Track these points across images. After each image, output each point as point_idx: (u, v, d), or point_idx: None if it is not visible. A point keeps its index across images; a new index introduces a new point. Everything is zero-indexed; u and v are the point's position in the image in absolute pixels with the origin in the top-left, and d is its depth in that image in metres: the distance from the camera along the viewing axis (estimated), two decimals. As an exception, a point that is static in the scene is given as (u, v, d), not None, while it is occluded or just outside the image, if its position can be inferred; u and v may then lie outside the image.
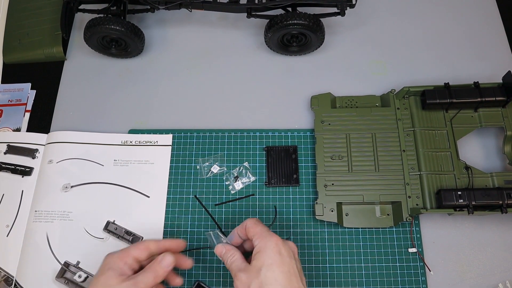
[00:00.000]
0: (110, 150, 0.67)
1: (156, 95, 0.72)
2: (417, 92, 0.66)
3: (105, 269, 0.49)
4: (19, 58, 0.76)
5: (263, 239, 0.48)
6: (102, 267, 0.50)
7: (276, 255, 0.47)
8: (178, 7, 0.69)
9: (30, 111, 0.72)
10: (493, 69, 0.71)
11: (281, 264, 0.46)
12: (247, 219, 0.51)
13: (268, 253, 0.47)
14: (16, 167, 0.67)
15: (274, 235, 0.48)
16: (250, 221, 0.50)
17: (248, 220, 0.51)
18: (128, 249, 0.51)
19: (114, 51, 0.73)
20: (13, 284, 0.59)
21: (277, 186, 0.64)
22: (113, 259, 0.50)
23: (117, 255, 0.50)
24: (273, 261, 0.46)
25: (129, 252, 0.50)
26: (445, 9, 0.78)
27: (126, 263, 0.49)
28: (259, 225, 0.50)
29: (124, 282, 0.47)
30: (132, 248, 0.51)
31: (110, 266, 0.49)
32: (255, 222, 0.50)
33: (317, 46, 0.72)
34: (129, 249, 0.51)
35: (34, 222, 0.63)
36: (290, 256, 0.47)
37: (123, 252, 0.50)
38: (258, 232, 0.49)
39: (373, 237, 0.61)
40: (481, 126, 0.65)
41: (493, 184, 0.61)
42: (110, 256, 0.50)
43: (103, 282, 0.48)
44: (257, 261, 0.47)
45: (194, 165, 0.66)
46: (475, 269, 0.59)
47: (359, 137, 0.65)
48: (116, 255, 0.50)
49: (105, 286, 0.47)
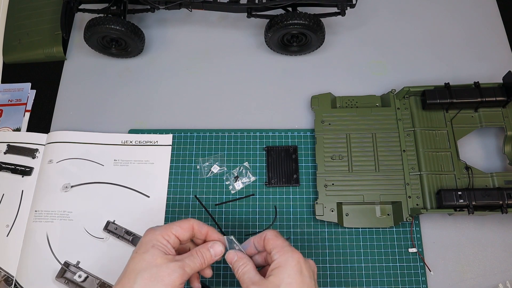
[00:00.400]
0: (110, 150, 0.67)
1: (156, 95, 0.72)
2: (417, 92, 0.66)
3: (148, 246, 0.45)
4: (19, 58, 0.76)
5: (284, 254, 0.44)
6: (144, 243, 0.46)
7: (297, 274, 0.43)
8: (178, 7, 0.69)
9: (30, 111, 0.72)
10: (493, 69, 0.71)
11: (301, 284, 0.43)
12: (267, 230, 0.48)
13: (288, 270, 0.43)
14: (16, 167, 0.67)
15: (296, 252, 0.45)
16: (270, 232, 0.47)
17: (268, 231, 0.47)
18: (170, 226, 0.47)
19: (114, 51, 0.73)
20: (13, 284, 0.59)
21: (277, 186, 0.64)
22: (155, 235, 0.46)
23: (159, 232, 0.46)
24: (293, 280, 0.43)
25: (172, 230, 0.47)
26: (445, 9, 0.78)
27: (169, 242, 0.46)
28: (280, 238, 0.46)
29: (171, 263, 0.44)
30: (176, 226, 0.47)
31: (154, 244, 0.45)
32: (276, 235, 0.46)
33: (317, 46, 0.71)
34: (171, 226, 0.47)
35: (34, 222, 0.63)
36: (310, 276, 0.44)
37: (165, 229, 0.47)
38: (279, 245, 0.45)
39: (373, 237, 0.61)
40: (482, 126, 0.65)
41: (493, 184, 0.61)
42: (152, 232, 0.46)
43: (149, 260, 0.44)
44: (275, 277, 0.43)
45: (194, 165, 0.66)
46: (475, 269, 0.59)
47: (359, 137, 0.65)
48: (158, 231, 0.46)
49: (151, 265, 0.44)
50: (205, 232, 0.49)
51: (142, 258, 0.44)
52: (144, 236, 0.47)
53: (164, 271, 0.44)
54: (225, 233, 0.62)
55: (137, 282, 0.43)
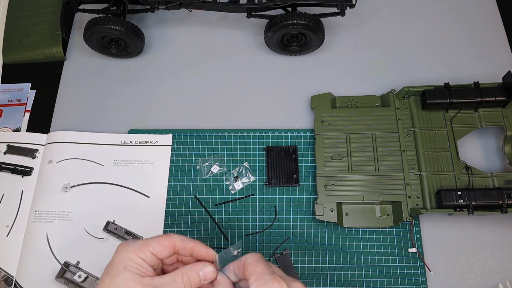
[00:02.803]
0: (110, 150, 0.67)
1: (156, 95, 0.72)
2: (417, 92, 0.66)
3: (119, 267, 0.39)
4: (19, 58, 0.76)
5: (263, 284, 0.37)
6: (115, 263, 0.40)
7: None
8: (178, 7, 0.69)
9: (30, 111, 0.72)
10: (493, 69, 0.71)
11: None
12: (248, 254, 0.40)
13: None
14: (16, 167, 0.67)
15: (277, 280, 0.37)
16: (250, 256, 0.39)
17: (248, 255, 0.40)
18: (147, 242, 0.41)
19: (114, 51, 0.73)
20: (13, 284, 0.59)
21: (277, 186, 0.64)
22: (128, 253, 0.40)
23: (132, 249, 0.40)
24: None
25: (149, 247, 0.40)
26: (445, 9, 0.78)
27: (145, 260, 0.40)
28: (261, 264, 0.39)
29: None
30: (154, 242, 0.41)
31: (126, 265, 0.39)
32: (257, 259, 0.39)
33: (317, 46, 0.71)
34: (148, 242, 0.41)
35: (34, 222, 0.63)
36: None
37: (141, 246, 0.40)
38: (258, 273, 0.38)
39: (373, 237, 0.61)
40: (481, 126, 0.65)
41: (493, 184, 0.61)
42: (125, 249, 0.40)
43: (119, 285, 0.38)
44: None
45: (194, 165, 0.66)
46: (475, 269, 0.59)
47: (359, 137, 0.65)
48: (132, 248, 0.40)
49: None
50: (190, 249, 0.42)
51: (112, 282, 0.38)
52: (115, 254, 0.40)
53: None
54: (225, 233, 0.62)
55: None
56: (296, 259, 0.60)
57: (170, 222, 0.62)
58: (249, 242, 0.61)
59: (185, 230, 0.62)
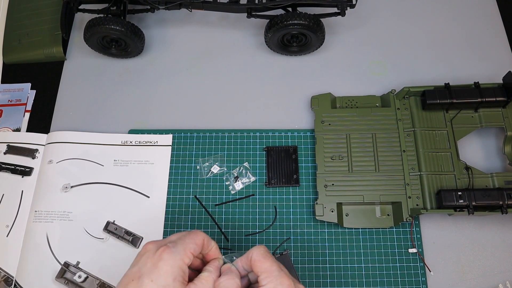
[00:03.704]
0: (110, 150, 0.67)
1: (156, 95, 0.72)
2: (417, 92, 0.66)
3: (169, 278, 0.39)
4: (19, 58, 0.76)
5: (274, 280, 0.40)
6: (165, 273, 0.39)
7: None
8: (178, 7, 0.69)
9: (30, 111, 0.72)
10: (493, 69, 0.71)
11: None
12: (253, 248, 0.42)
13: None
14: (16, 167, 0.67)
15: (286, 277, 0.40)
16: (256, 252, 0.41)
17: (254, 250, 0.42)
18: (187, 245, 0.41)
19: (114, 51, 0.73)
20: (13, 284, 0.59)
21: (277, 186, 0.64)
22: (176, 261, 0.40)
23: (180, 256, 0.40)
24: None
25: (190, 249, 0.41)
26: (445, 9, 0.78)
27: (187, 264, 0.41)
28: (268, 259, 0.41)
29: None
30: (191, 244, 0.41)
31: (177, 275, 0.39)
32: (263, 255, 0.41)
33: (317, 46, 0.71)
34: (188, 245, 0.41)
35: (34, 222, 0.63)
36: None
37: (184, 250, 0.41)
38: (267, 269, 0.40)
39: (373, 237, 0.61)
40: (482, 126, 0.64)
41: (493, 185, 0.61)
42: (172, 257, 0.40)
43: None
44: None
45: (194, 165, 0.66)
46: (475, 269, 0.59)
47: (359, 137, 0.65)
48: (179, 256, 0.40)
49: None
50: (211, 248, 0.44)
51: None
52: (162, 261, 0.40)
53: None
54: (225, 234, 0.62)
55: None
56: (296, 259, 0.60)
57: (170, 222, 0.62)
58: (249, 242, 0.61)
59: (185, 230, 0.62)
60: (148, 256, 0.41)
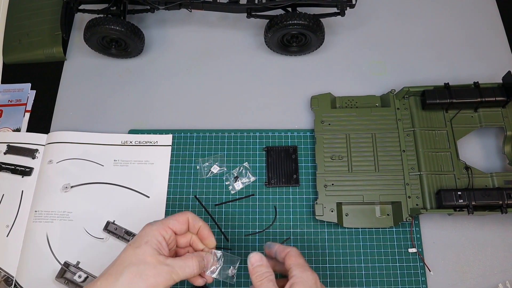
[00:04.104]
0: (110, 150, 0.67)
1: (156, 95, 0.72)
2: (417, 92, 0.66)
3: (142, 241, 0.46)
4: (19, 58, 0.76)
5: (304, 272, 0.46)
6: (139, 237, 0.47)
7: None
8: (178, 7, 0.69)
9: (30, 111, 0.72)
10: (493, 69, 0.71)
11: None
12: (292, 247, 0.49)
13: (307, 287, 0.45)
14: (16, 167, 0.67)
15: (314, 272, 0.47)
16: (294, 250, 0.49)
17: (292, 248, 0.49)
18: (167, 221, 0.48)
19: (114, 51, 0.73)
20: (13, 284, 0.59)
21: (277, 186, 0.64)
22: (152, 230, 0.47)
23: (156, 227, 0.47)
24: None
25: (168, 224, 0.48)
26: (445, 9, 0.78)
27: (164, 238, 0.47)
28: (302, 258, 0.48)
29: (160, 265, 0.45)
30: (172, 220, 0.48)
31: (148, 240, 0.46)
32: (299, 254, 0.49)
33: (317, 46, 0.72)
34: (168, 220, 0.48)
35: (34, 222, 0.63)
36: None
37: (162, 224, 0.48)
38: (300, 263, 0.47)
39: (373, 237, 0.61)
40: (481, 126, 0.65)
41: (493, 184, 0.61)
42: (149, 227, 0.47)
43: (139, 256, 0.45)
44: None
45: (194, 165, 0.66)
46: (475, 269, 0.59)
47: (359, 137, 0.65)
48: (155, 227, 0.47)
49: (140, 261, 0.45)
50: (198, 227, 0.51)
51: (133, 252, 0.45)
52: (141, 230, 0.48)
53: (151, 271, 0.44)
54: (225, 234, 0.62)
55: (123, 274, 0.44)
56: (296, 259, 0.60)
57: (170, 222, 0.62)
58: (249, 242, 0.61)
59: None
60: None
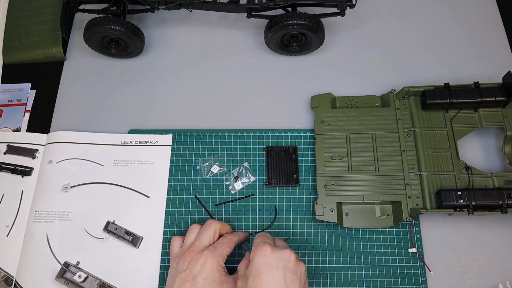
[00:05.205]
0: (110, 150, 0.67)
1: (156, 95, 0.72)
2: (417, 92, 0.66)
3: (216, 273, 0.50)
4: (19, 58, 0.76)
5: (254, 249, 0.49)
6: (213, 271, 0.50)
7: (261, 266, 0.47)
8: (178, 7, 0.69)
9: (30, 111, 0.72)
10: (493, 69, 0.71)
11: (266, 275, 0.46)
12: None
13: (254, 263, 0.47)
14: (16, 167, 0.67)
15: (265, 245, 0.48)
16: (257, 234, 0.53)
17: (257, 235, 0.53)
18: (223, 249, 0.52)
19: (114, 51, 0.73)
20: (13, 284, 0.59)
21: (277, 186, 0.64)
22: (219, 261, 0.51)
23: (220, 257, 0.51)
24: (258, 272, 0.46)
25: (226, 252, 0.52)
26: (445, 9, 0.78)
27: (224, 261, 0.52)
28: (260, 237, 0.51)
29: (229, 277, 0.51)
30: (225, 246, 0.53)
31: (220, 270, 0.50)
32: (260, 235, 0.52)
33: (317, 46, 0.71)
34: (224, 248, 0.52)
35: (34, 222, 0.63)
36: (278, 267, 0.47)
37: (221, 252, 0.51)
38: (255, 243, 0.50)
39: (373, 237, 0.61)
40: (481, 126, 0.65)
41: (493, 184, 0.61)
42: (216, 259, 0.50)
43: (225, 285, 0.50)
44: (248, 270, 0.48)
45: (194, 165, 0.66)
46: (475, 269, 0.59)
47: (359, 137, 0.65)
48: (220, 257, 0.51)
49: None
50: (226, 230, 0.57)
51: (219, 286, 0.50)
52: (207, 261, 0.50)
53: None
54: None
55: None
56: (296, 259, 0.60)
57: (170, 222, 0.62)
58: (249, 242, 0.61)
59: (185, 230, 0.62)
60: (196, 259, 0.50)
